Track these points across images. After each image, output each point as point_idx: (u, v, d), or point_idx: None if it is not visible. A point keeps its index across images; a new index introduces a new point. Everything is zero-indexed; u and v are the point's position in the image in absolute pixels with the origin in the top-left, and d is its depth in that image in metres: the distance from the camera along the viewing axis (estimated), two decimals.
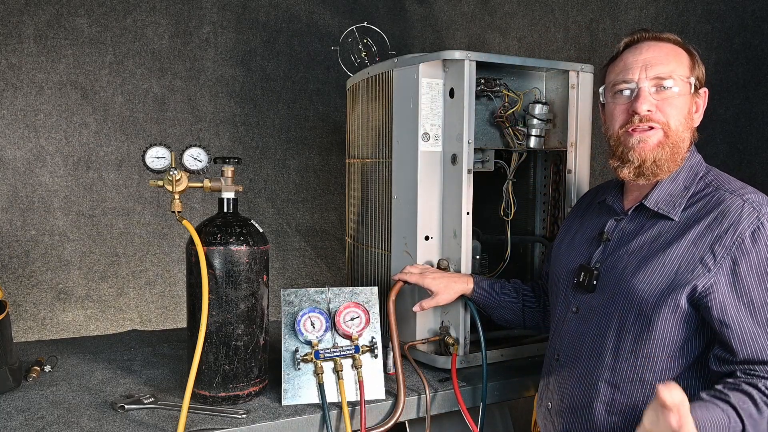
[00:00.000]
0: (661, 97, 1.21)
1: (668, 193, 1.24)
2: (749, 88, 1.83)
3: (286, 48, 2.94)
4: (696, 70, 1.24)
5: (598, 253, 1.31)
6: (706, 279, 1.12)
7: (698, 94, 1.27)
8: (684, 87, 1.22)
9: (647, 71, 1.22)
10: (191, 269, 1.42)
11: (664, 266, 1.17)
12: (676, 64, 1.22)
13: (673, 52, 1.23)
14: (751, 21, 1.83)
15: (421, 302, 1.56)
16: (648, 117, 1.21)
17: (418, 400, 1.49)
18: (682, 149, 1.23)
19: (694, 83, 1.23)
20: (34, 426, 1.30)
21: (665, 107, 1.21)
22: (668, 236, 1.20)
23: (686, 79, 1.22)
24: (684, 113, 1.22)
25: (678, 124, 1.21)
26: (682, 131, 1.22)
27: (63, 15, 2.52)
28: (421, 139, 1.62)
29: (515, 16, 2.81)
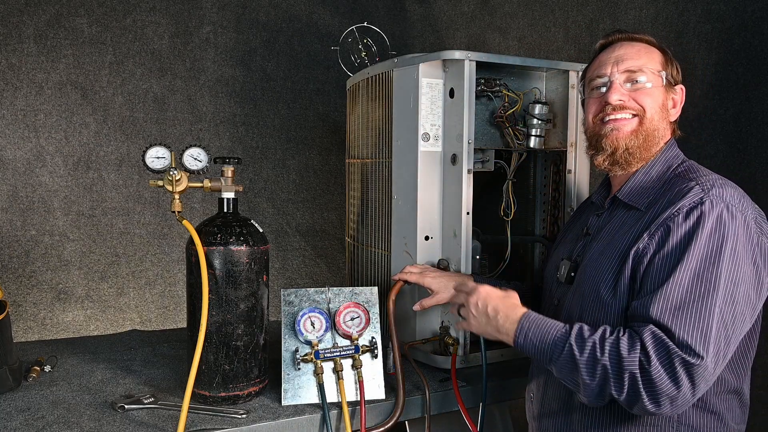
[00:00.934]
0: (633, 89, 1.26)
1: (640, 185, 1.26)
2: (749, 88, 1.83)
3: (286, 48, 2.94)
4: (669, 67, 1.28)
5: (579, 247, 1.35)
6: (641, 246, 1.14)
7: (674, 90, 1.29)
8: (655, 80, 1.25)
9: (619, 66, 1.27)
10: (191, 269, 1.42)
11: (619, 249, 1.19)
12: (647, 59, 1.27)
13: (645, 49, 1.28)
14: (751, 21, 1.83)
15: (422, 301, 1.56)
16: (621, 105, 1.26)
17: (418, 400, 1.49)
18: (656, 138, 1.26)
19: (668, 78, 1.27)
20: (34, 426, 1.30)
21: (638, 96, 1.25)
22: (630, 222, 1.22)
23: (657, 73, 1.26)
24: (658, 103, 1.26)
25: (653, 112, 1.25)
26: (657, 120, 1.26)
27: (63, 15, 2.52)
28: (421, 139, 1.62)
29: (515, 16, 2.81)
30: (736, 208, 1.11)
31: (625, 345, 1.05)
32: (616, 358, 1.05)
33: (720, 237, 1.08)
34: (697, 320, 1.04)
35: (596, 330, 1.10)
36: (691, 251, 1.07)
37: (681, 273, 1.07)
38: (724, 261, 1.07)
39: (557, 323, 1.15)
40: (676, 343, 1.03)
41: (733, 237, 1.08)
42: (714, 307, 1.04)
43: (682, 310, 1.05)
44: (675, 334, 1.03)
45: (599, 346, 1.07)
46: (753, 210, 1.16)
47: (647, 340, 1.04)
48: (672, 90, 1.29)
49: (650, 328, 1.05)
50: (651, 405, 1.03)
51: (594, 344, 1.08)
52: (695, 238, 1.08)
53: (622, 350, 1.05)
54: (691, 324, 1.04)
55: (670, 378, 1.01)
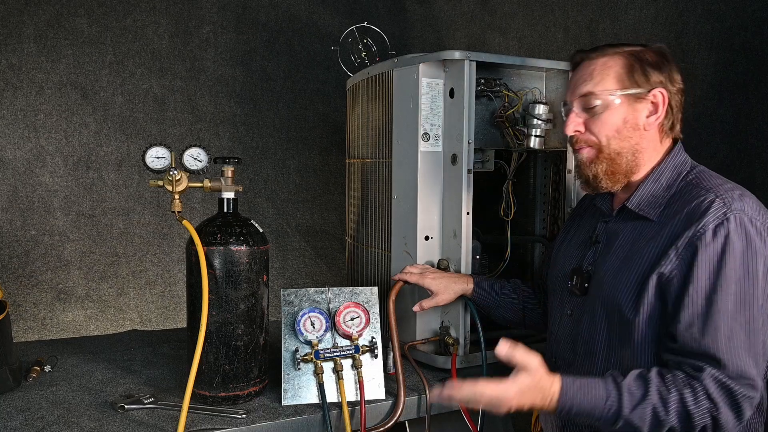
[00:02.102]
0: (588, 115, 1.25)
1: (650, 193, 1.25)
2: (749, 88, 1.83)
3: (286, 48, 2.94)
4: (634, 77, 1.22)
5: (590, 256, 1.33)
6: (669, 267, 1.14)
7: (645, 99, 1.23)
8: (608, 100, 1.22)
9: (575, 92, 1.27)
10: (191, 269, 1.42)
11: (640, 265, 1.19)
12: (600, 79, 1.23)
13: (601, 67, 1.24)
14: (751, 21, 1.83)
15: (421, 302, 1.56)
16: (576, 138, 1.28)
17: (418, 400, 1.49)
18: (623, 159, 1.25)
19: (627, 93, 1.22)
20: (34, 426, 1.30)
21: (591, 125, 1.25)
22: (647, 236, 1.21)
23: (610, 93, 1.22)
24: (615, 125, 1.23)
25: (607, 138, 1.24)
26: (617, 143, 1.24)
27: (63, 15, 2.52)
28: (421, 139, 1.63)
29: (515, 16, 2.81)
30: (759, 221, 1.12)
31: (690, 399, 1.07)
32: (684, 417, 1.07)
33: (752, 255, 1.10)
34: (748, 347, 1.08)
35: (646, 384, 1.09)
36: (727, 274, 1.09)
37: (723, 299, 1.08)
38: (759, 279, 1.10)
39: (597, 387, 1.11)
40: (732, 374, 1.07)
41: (762, 253, 1.11)
42: (757, 329, 1.09)
43: (733, 340, 1.08)
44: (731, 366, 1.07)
45: (663, 410, 1.07)
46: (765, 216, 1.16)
47: (710, 387, 1.07)
48: (642, 99, 1.23)
49: (710, 374, 1.07)
50: None
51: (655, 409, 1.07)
52: (727, 260, 1.09)
53: (689, 406, 1.07)
54: (744, 353, 1.08)
55: (735, 416, 1.08)
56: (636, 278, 1.18)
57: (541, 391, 1.13)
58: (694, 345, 1.09)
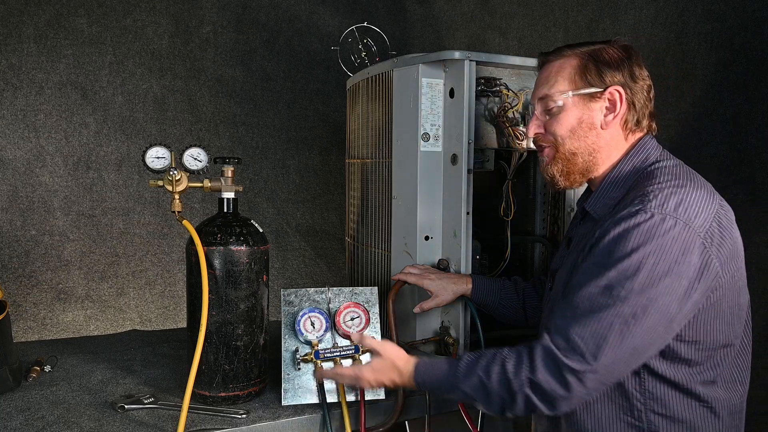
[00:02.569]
0: (546, 117, 1.28)
1: (607, 195, 1.25)
2: (749, 88, 1.83)
3: (286, 48, 2.94)
4: (588, 77, 1.23)
5: (557, 258, 1.38)
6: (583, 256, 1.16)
7: (600, 98, 1.23)
8: (562, 101, 1.24)
9: (534, 94, 1.31)
10: (191, 269, 1.42)
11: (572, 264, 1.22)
12: (554, 81, 1.26)
13: (556, 69, 1.26)
14: (751, 21, 1.83)
15: (422, 304, 1.57)
16: (538, 138, 1.31)
17: (418, 400, 1.49)
18: (579, 158, 1.26)
19: (579, 93, 1.23)
20: (34, 426, 1.30)
21: (549, 126, 1.28)
22: (588, 235, 1.22)
23: (562, 94, 1.24)
24: (569, 125, 1.25)
25: (562, 138, 1.26)
26: (571, 142, 1.25)
27: (63, 15, 2.52)
28: (421, 139, 1.62)
29: (515, 16, 2.81)
30: (679, 219, 1.06)
31: (511, 364, 1.11)
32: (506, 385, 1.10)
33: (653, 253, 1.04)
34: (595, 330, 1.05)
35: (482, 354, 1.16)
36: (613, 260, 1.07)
37: (597, 282, 1.08)
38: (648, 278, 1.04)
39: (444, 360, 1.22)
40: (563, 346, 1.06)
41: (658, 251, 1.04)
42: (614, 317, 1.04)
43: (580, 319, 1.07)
44: (565, 338, 1.07)
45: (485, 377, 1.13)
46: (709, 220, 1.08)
47: (537, 352, 1.09)
48: (597, 99, 1.22)
49: (542, 343, 1.09)
50: (548, 409, 1.09)
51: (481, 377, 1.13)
52: (618, 250, 1.07)
53: (509, 372, 1.10)
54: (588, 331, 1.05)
55: (558, 383, 1.06)
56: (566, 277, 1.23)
57: (397, 370, 1.26)
58: (548, 321, 1.13)
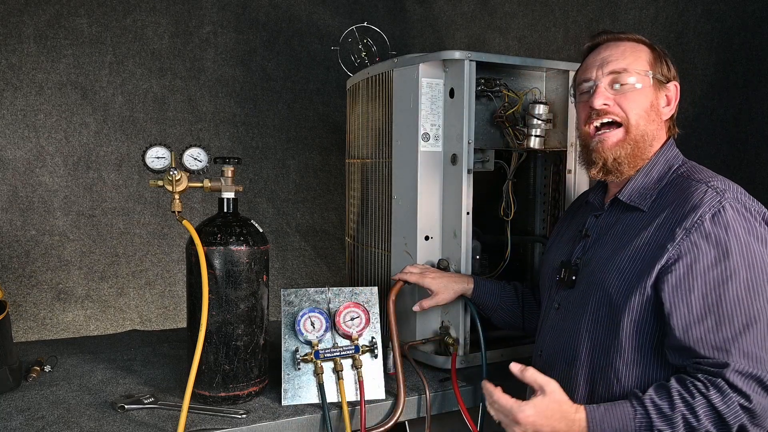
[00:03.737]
0: (619, 92, 1.24)
1: (641, 185, 1.25)
2: (749, 88, 1.83)
3: (286, 48, 2.94)
4: (659, 65, 1.26)
5: (579, 249, 1.33)
6: (666, 260, 1.12)
7: (666, 88, 1.27)
8: (642, 80, 1.24)
9: (603, 68, 1.25)
10: (191, 269, 1.42)
11: (632, 256, 1.18)
12: (633, 59, 1.25)
13: (631, 49, 1.26)
14: (751, 21, 1.83)
15: (421, 302, 1.56)
16: (605, 110, 1.24)
17: (418, 400, 1.49)
18: (645, 144, 1.25)
19: (657, 77, 1.25)
20: (34, 426, 1.30)
21: (622, 101, 1.24)
22: (637, 226, 1.21)
23: (644, 73, 1.24)
24: (644, 106, 1.24)
25: (637, 117, 1.23)
26: (644, 124, 1.24)
27: (63, 15, 2.52)
28: (421, 139, 1.62)
29: (515, 16, 2.81)
30: (754, 207, 1.13)
31: (717, 399, 1.03)
32: (717, 419, 1.03)
33: (755, 239, 1.09)
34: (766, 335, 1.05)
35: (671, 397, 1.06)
36: (734, 261, 1.07)
37: (735, 289, 1.06)
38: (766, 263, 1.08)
39: (624, 410, 1.08)
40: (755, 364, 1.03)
41: (764, 237, 1.10)
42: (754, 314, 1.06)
43: (751, 329, 1.05)
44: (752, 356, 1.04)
45: (693, 418, 1.03)
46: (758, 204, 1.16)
47: (736, 380, 1.03)
48: (663, 88, 1.27)
49: (733, 368, 1.03)
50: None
51: (685, 417, 1.04)
52: (731, 247, 1.08)
53: (718, 407, 1.03)
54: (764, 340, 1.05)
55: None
56: (627, 265, 1.17)
57: (563, 415, 1.11)
58: (709, 339, 1.06)
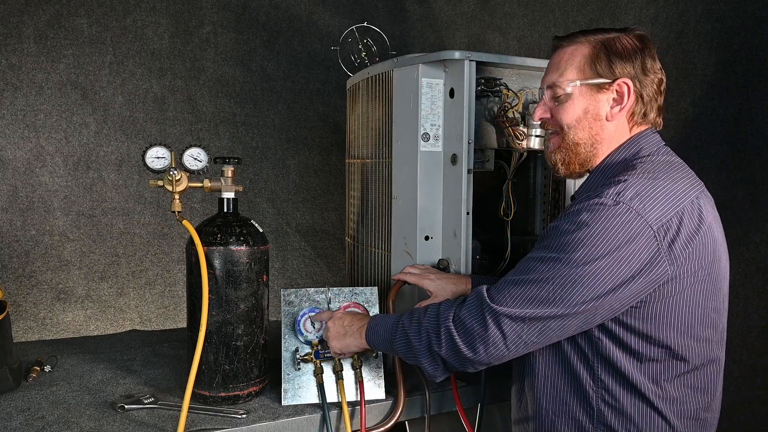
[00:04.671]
0: (554, 104, 1.28)
1: (593, 182, 1.26)
2: (749, 88, 1.83)
3: (286, 48, 2.94)
4: (597, 67, 1.22)
5: None
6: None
7: (608, 89, 1.22)
8: (571, 90, 1.24)
9: (544, 80, 1.31)
10: (191, 269, 1.42)
11: None
12: (565, 67, 1.25)
13: (567, 56, 1.25)
14: (751, 21, 1.83)
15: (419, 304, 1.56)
16: (544, 123, 1.33)
17: (418, 400, 1.49)
18: (582, 148, 1.26)
19: (587, 83, 1.22)
20: (34, 426, 1.30)
21: (556, 112, 1.28)
22: None
23: (570, 84, 1.23)
24: (575, 115, 1.25)
25: (568, 127, 1.26)
26: (575, 132, 1.26)
27: (63, 15, 2.52)
28: (421, 139, 1.62)
29: (515, 16, 2.81)
30: (632, 207, 1.07)
31: (444, 306, 1.21)
32: (434, 318, 1.21)
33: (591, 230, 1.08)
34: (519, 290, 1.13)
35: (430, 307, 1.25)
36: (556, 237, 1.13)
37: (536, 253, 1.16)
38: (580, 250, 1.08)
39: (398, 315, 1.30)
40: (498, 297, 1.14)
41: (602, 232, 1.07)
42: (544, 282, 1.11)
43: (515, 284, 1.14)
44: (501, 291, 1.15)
45: (422, 313, 1.23)
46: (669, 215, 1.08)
47: (469, 296, 1.19)
48: (605, 90, 1.22)
49: (477, 290, 1.18)
50: (467, 350, 1.15)
51: (419, 314, 1.24)
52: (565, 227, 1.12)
53: (441, 310, 1.21)
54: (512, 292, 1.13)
55: (478, 322, 1.14)
56: None
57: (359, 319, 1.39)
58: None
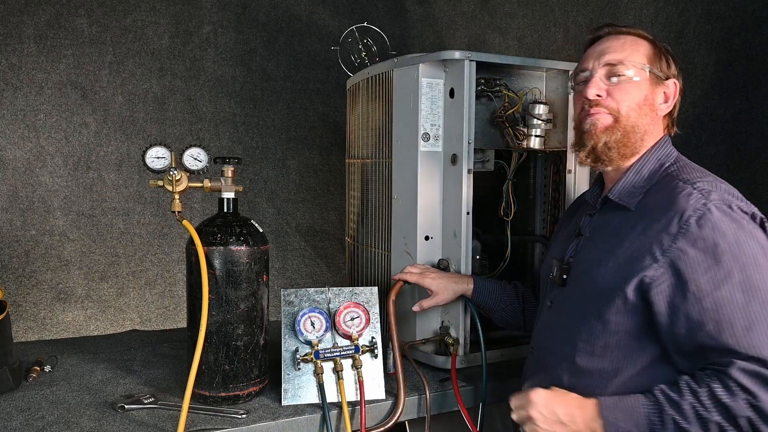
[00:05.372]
0: (612, 83, 1.24)
1: (631, 183, 1.25)
2: (749, 88, 1.82)
3: (286, 48, 2.94)
4: (659, 61, 1.26)
5: (572, 248, 1.33)
6: (653, 270, 1.11)
7: (664, 84, 1.26)
8: (638, 73, 1.23)
9: (600, 59, 1.26)
10: (191, 269, 1.42)
11: (617, 258, 1.18)
12: (631, 51, 1.25)
13: (631, 42, 1.26)
14: (751, 21, 1.83)
15: (421, 302, 1.56)
16: (596, 102, 1.24)
17: (418, 400, 1.49)
18: (636, 136, 1.24)
19: (655, 72, 1.24)
20: (34, 426, 1.30)
21: (615, 93, 1.24)
22: (625, 227, 1.21)
23: (640, 66, 1.23)
24: (637, 100, 1.23)
25: (628, 109, 1.23)
26: (635, 117, 1.24)
27: (63, 15, 2.52)
28: (421, 139, 1.62)
29: (515, 16, 2.81)
30: (741, 205, 1.12)
31: (723, 393, 1.03)
32: (724, 411, 1.03)
33: (746, 238, 1.07)
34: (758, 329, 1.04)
35: (680, 387, 1.07)
36: (725, 264, 1.06)
37: (730, 292, 1.05)
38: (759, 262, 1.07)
39: (635, 398, 1.09)
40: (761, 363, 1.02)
41: (753, 234, 1.08)
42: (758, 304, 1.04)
43: (753, 330, 1.04)
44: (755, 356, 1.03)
45: (700, 405, 1.04)
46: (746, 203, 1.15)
47: (741, 378, 1.02)
48: (661, 84, 1.26)
49: (737, 366, 1.03)
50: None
51: (693, 405, 1.04)
52: (721, 250, 1.06)
53: (724, 400, 1.03)
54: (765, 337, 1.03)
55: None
56: (614, 267, 1.17)
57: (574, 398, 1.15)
58: (712, 345, 1.06)
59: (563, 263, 1.31)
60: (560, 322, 1.29)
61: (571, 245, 1.34)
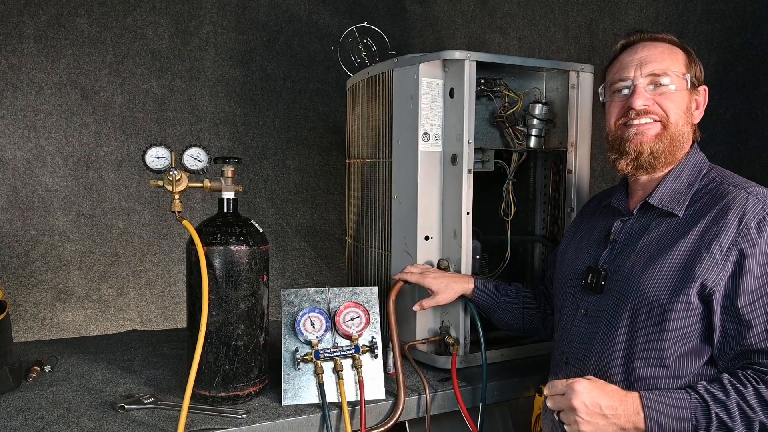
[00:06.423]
0: (657, 93, 1.25)
1: (672, 190, 1.25)
2: (749, 88, 1.83)
3: (286, 48, 2.94)
4: (693, 68, 1.27)
5: (606, 255, 1.31)
6: (715, 273, 1.13)
7: (697, 92, 1.29)
8: (680, 83, 1.24)
9: (642, 69, 1.25)
10: (191, 269, 1.42)
11: (672, 263, 1.18)
12: (671, 61, 1.25)
13: (668, 50, 1.27)
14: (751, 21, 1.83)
15: (421, 301, 1.56)
16: (645, 110, 1.24)
17: (418, 400, 1.49)
18: (681, 143, 1.26)
19: (691, 80, 1.26)
20: (34, 426, 1.30)
21: (663, 101, 1.24)
22: (675, 233, 1.20)
23: (682, 76, 1.25)
24: (682, 108, 1.25)
25: (677, 117, 1.24)
26: (682, 125, 1.25)
27: (63, 15, 2.52)
28: (421, 139, 1.63)
29: (515, 16, 2.81)
30: None
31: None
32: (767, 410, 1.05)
33: None
34: None
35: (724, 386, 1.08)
36: None
37: None
38: None
39: (679, 394, 1.10)
40: None
41: None
42: None
43: None
44: None
45: (746, 405, 1.05)
46: None
47: None
48: (695, 92, 1.28)
49: None
50: None
51: (740, 405, 1.06)
52: None
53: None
54: None
55: None
56: (669, 274, 1.17)
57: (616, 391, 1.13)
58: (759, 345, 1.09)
59: (599, 270, 1.30)
60: (603, 330, 1.27)
61: (604, 252, 1.32)
